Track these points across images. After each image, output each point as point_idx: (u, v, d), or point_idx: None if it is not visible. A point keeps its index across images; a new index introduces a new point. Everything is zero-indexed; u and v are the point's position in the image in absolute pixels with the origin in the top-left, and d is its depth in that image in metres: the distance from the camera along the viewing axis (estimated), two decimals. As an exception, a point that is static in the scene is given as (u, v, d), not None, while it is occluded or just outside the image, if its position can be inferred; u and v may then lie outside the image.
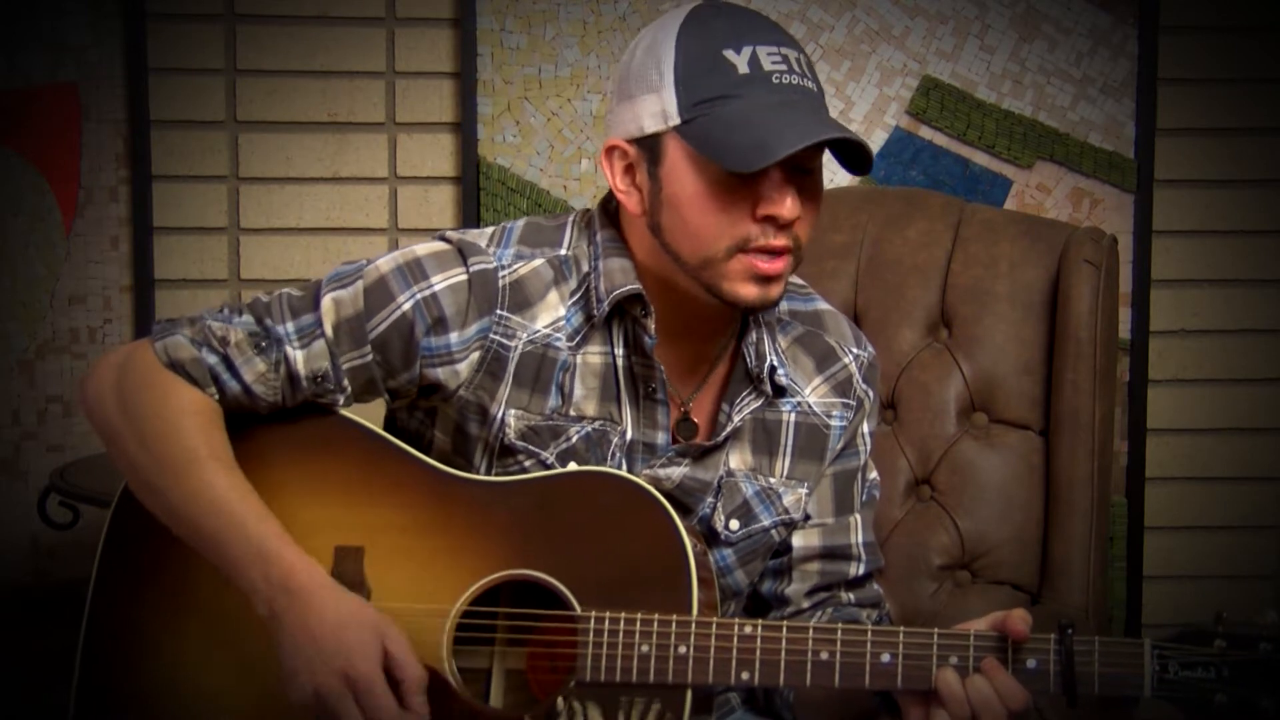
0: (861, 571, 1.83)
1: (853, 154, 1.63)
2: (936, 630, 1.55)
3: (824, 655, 1.56)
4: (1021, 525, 2.31)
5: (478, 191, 2.87)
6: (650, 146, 1.63)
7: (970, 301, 2.36)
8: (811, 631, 1.57)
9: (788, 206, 1.59)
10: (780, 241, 1.61)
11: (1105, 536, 2.32)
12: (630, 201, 1.67)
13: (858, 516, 1.83)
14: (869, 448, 1.85)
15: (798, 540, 1.81)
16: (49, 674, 1.76)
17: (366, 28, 2.86)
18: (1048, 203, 2.89)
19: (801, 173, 1.62)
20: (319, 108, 2.87)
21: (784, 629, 1.57)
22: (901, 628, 1.57)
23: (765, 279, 1.63)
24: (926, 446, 2.34)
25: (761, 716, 1.84)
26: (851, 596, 1.83)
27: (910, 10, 2.87)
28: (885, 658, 1.55)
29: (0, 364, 2.86)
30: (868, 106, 2.88)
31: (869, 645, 1.55)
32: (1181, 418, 2.96)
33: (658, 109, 1.62)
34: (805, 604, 1.82)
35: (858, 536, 1.83)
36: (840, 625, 1.58)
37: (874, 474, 1.88)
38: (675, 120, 1.61)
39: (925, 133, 2.89)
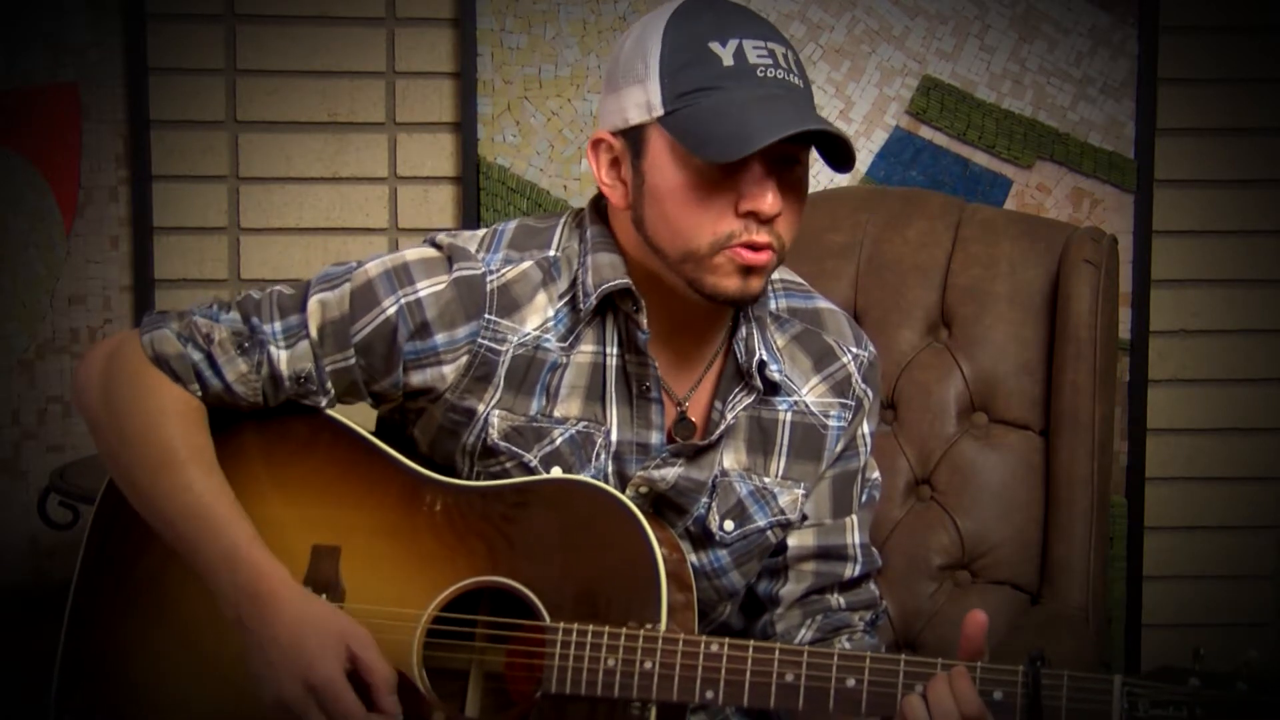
0: (857, 573, 1.82)
1: (836, 150, 1.61)
2: (903, 657, 1.53)
3: (789, 677, 1.54)
4: (1021, 525, 2.31)
5: (478, 191, 2.87)
6: (634, 138, 1.63)
7: (970, 301, 2.35)
8: (778, 653, 1.55)
9: (769, 201, 1.58)
10: (763, 238, 1.60)
11: (1105, 536, 2.32)
12: (614, 195, 1.66)
13: (854, 518, 1.82)
14: (869, 448, 1.84)
15: (792, 540, 1.80)
16: (48, 674, 1.76)
17: (366, 28, 2.86)
18: (1048, 203, 2.89)
19: (785, 167, 1.60)
20: (319, 108, 2.87)
21: (750, 648, 1.55)
22: (869, 653, 1.55)
23: (747, 270, 1.61)
24: (926, 446, 2.34)
25: None
26: (842, 600, 1.82)
27: (910, 10, 2.87)
28: (850, 682, 1.52)
29: (0, 364, 2.86)
30: (868, 106, 2.87)
31: (834, 669, 1.53)
32: (1181, 418, 2.96)
33: (642, 100, 1.61)
34: (797, 606, 1.81)
35: (853, 537, 1.81)
36: (807, 649, 1.56)
37: (875, 474, 1.86)
38: (659, 111, 1.60)
39: (925, 133, 2.89)
